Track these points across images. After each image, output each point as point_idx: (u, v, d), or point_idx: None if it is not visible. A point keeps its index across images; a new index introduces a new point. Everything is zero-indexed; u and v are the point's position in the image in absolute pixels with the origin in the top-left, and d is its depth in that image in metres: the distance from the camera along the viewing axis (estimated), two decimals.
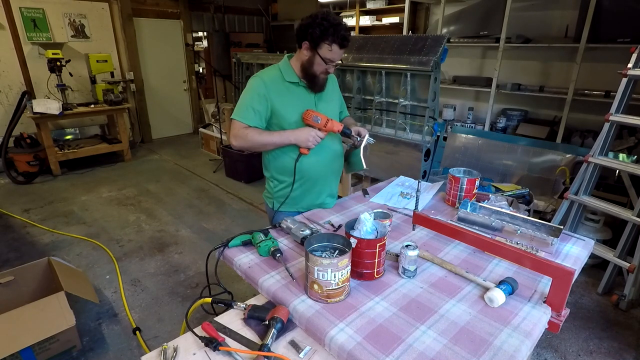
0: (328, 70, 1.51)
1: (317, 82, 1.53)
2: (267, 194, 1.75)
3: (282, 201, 1.61)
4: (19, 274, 2.22)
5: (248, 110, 1.49)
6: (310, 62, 1.48)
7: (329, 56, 1.45)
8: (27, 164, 4.46)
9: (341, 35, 1.41)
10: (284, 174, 1.62)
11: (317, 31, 1.40)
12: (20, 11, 4.64)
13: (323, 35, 1.40)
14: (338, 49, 1.44)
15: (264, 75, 1.53)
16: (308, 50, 1.46)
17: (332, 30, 1.40)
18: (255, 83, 1.50)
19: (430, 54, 2.70)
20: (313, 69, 1.48)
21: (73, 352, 2.04)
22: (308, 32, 1.42)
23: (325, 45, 1.42)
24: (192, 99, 6.70)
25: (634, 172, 2.33)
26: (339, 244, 1.11)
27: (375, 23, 5.54)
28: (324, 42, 1.42)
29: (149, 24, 5.84)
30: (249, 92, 1.51)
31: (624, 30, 3.18)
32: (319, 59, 1.45)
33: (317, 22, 1.40)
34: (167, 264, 2.88)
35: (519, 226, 1.34)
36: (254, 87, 1.50)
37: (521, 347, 0.88)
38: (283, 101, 1.51)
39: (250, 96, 1.49)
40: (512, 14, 3.69)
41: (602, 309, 2.40)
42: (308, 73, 1.50)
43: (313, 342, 0.96)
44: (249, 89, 1.51)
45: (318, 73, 1.50)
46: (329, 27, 1.39)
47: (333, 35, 1.40)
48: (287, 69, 1.54)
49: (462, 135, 3.77)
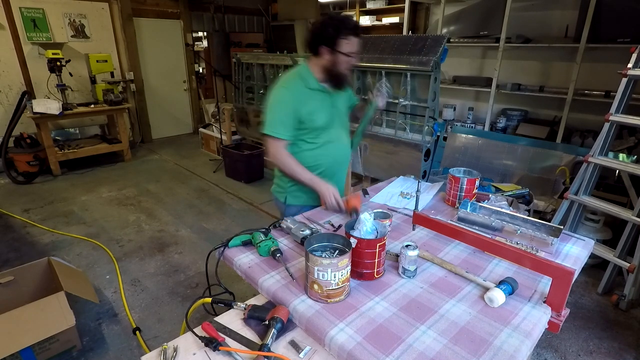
0: (351, 63, 1.55)
1: (342, 80, 1.59)
2: (277, 189, 1.77)
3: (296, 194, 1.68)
4: (19, 274, 2.22)
5: (281, 125, 1.53)
6: (334, 63, 1.52)
7: (349, 49, 1.49)
8: (27, 164, 4.46)
9: (352, 25, 1.48)
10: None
11: (330, 30, 1.46)
12: (20, 11, 4.64)
13: (337, 32, 1.46)
14: (354, 38, 1.49)
15: (288, 85, 1.57)
16: (328, 54, 1.50)
17: (343, 25, 1.46)
18: (283, 95, 1.55)
19: (430, 54, 2.70)
20: (339, 68, 1.53)
21: (73, 352, 2.04)
22: (322, 36, 1.48)
23: (343, 41, 1.47)
24: (192, 99, 6.70)
25: (634, 172, 2.33)
26: (339, 244, 1.12)
27: (375, 23, 5.54)
28: (340, 38, 1.47)
29: (149, 24, 5.83)
30: (278, 105, 1.54)
31: (624, 30, 3.18)
32: (341, 56, 1.49)
33: (327, 23, 1.47)
34: (167, 264, 2.88)
35: (519, 226, 1.34)
36: (281, 98, 1.55)
37: (521, 347, 0.88)
38: (310, 108, 1.55)
39: (280, 109, 1.53)
40: (512, 14, 3.69)
41: (602, 309, 2.40)
42: (334, 74, 1.55)
43: (313, 342, 0.96)
44: (278, 102, 1.55)
45: (345, 70, 1.55)
46: (338, 23, 1.46)
47: (346, 28, 1.46)
48: (308, 75, 1.58)
49: (462, 135, 3.77)
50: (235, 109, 5.15)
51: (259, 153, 4.57)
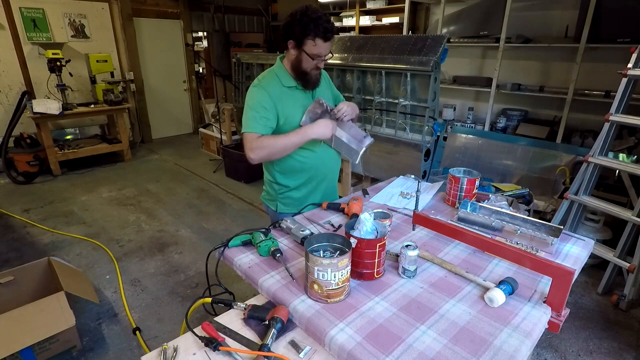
0: (318, 65, 1.48)
1: (310, 80, 1.51)
2: (267, 197, 1.74)
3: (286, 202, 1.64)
4: (19, 274, 2.22)
5: (257, 120, 1.46)
6: (298, 60, 1.46)
7: (315, 51, 1.42)
8: (27, 164, 4.46)
9: (323, 28, 1.38)
10: (288, 175, 1.62)
11: (298, 28, 1.38)
12: (20, 11, 4.64)
13: (304, 32, 1.38)
14: (322, 42, 1.41)
15: (263, 83, 1.50)
16: (294, 49, 1.45)
17: (313, 25, 1.37)
18: (258, 93, 1.48)
19: (430, 54, 2.70)
20: (302, 66, 1.47)
21: (73, 352, 2.04)
22: (290, 30, 1.41)
23: (309, 41, 1.40)
24: (192, 99, 6.70)
25: (634, 172, 2.33)
26: (339, 244, 1.11)
27: (375, 23, 5.54)
28: (307, 38, 1.39)
29: (149, 24, 5.83)
30: (253, 103, 1.48)
31: (624, 30, 3.19)
32: (305, 55, 1.43)
33: (297, 20, 1.38)
34: (167, 264, 2.88)
35: (519, 226, 1.34)
36: (257, 97, 1.48)
37: (521, 347, 0.88)
38: (286, 106, 1.51)
39: (256, 107, 1.47)
40: (512, 14, 3.69)
41: (602, 309, 2.40)
42: (298, 72, 1.49)
43: (313, 342, 0.96)
44: (252, 100, 1.48)
45: (308, 70, 1.48)
46: (309, 22, 1.36)
47: (314, 30, 1.37)
48: (282, 72, 1.52)
49: (462, 135, 3.77)
50: (235, 109, 5.15)
51: None
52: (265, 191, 1.75)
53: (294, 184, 1.64)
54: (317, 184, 1.66)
